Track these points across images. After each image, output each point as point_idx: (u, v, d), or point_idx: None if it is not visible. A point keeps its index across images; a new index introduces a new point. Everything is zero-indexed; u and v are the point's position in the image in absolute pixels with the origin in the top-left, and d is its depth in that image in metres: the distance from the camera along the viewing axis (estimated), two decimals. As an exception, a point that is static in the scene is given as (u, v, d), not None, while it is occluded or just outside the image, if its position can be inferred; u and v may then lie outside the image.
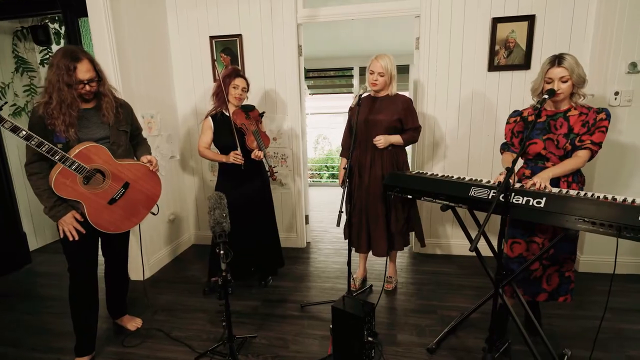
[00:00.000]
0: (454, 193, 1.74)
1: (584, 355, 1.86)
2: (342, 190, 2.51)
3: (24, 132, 1.57)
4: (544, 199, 1.49)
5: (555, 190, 1.59)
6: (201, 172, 3.39)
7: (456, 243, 3.10)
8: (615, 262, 1.45)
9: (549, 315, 2.18)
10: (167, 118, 3.10)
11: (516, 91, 2.77)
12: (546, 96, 1.67)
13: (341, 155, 2.55)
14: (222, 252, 1.68)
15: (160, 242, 3.07)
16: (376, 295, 2.50)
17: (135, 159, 2.02)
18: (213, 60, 3.10)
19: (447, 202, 1.77)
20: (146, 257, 2.79)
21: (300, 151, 3.18)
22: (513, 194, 1.56)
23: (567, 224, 1.43)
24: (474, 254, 1.75)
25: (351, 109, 2.43)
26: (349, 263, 2.25)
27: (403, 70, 5.53)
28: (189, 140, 3.35)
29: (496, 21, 2.67)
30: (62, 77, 1.64)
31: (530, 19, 2.62)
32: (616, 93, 2.46)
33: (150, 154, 2.06)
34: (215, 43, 3.07)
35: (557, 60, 1.72)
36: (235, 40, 3.04)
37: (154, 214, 2.09)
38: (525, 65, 2.71)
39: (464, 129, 2.90)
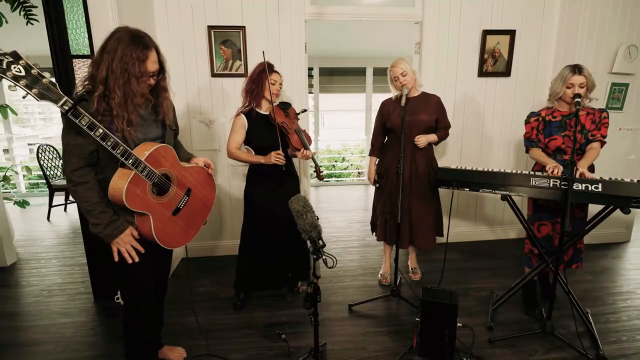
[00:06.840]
0: (515, 183, 1.96)
1: (595, 311, 2.28)
2: (374, 188, 2.58)
3: (100, 131, 1.24)
4: (601, 184, 1.79)
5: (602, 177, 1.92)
6: (193, 176, 3.03)
7: (450, 231, 3.39)
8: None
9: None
10: (158, 116, 2.69)
11: (499, 96, 3.19)
12: (579, 99, 2.00)
13: (371, 154, 2.59)
14: (324, 257, 1.59)
15: (157, 258, 2.66)
16: (408, 287, 2.61)
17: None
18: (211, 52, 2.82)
19: (508, 192, 1.98)
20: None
21: (307, 151, 3.10)
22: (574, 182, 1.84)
23: (621, 203, 1.76)
24: (472, 239, 1.99)
25: (382, 110, 2.50)
26: (396, 260, 2.32)
27: (360, 72, 5.79)
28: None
29: (486, 33, 3.03)
30: (132, 67, 1.33)
31: (512, 33, 3.05)
32: (577, 98, 3.03)
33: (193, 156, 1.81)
34: (215, 34, 2.79)
35: (576, 69, 2.07)
36: (237, 32, 2.81)
37: (204, 224, 1.84)
38: (507, 73, 3.13)
39: (457, 128, 3.21)
